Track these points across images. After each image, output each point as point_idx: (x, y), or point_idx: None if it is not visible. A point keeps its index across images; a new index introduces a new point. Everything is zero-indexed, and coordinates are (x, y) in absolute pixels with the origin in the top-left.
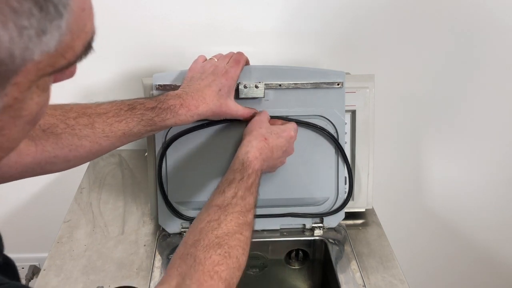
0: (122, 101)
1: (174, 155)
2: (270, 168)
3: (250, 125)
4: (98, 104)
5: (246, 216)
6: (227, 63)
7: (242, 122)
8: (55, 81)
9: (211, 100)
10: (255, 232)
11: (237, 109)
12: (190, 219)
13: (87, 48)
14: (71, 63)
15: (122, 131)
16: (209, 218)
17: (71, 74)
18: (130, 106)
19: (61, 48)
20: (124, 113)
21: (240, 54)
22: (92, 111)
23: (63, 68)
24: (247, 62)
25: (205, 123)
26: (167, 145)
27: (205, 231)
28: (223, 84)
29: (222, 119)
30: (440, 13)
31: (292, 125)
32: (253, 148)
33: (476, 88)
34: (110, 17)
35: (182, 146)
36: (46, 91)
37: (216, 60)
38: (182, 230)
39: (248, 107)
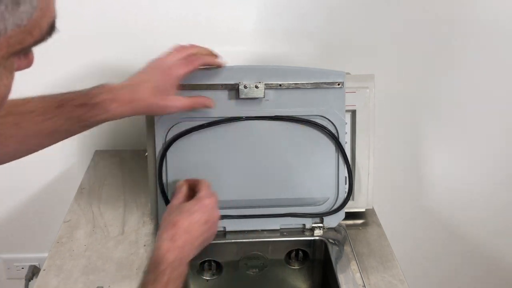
0: (53, 97)
1: (174, 155)
2: (200, 246)
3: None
4: (27, 101)
5: None
6: (181, 58)
7: (243, 122)
8: (16, 69)
9: (145, 96)
10: (255, 232)
11: (176, 104)
12: None
13: (51, 28)
14: (36, 42)
15: (50, 130)
16: None
17: (29, 63)
18: (59, 103)
19: (30, 24)
20: (52, 110)
21: (196, 55)
22: (19, 110)
23: (29, 47)
24: (218, 64)
25: (205, 123)
26: (167, 145)
27: None
28: (159, 81)
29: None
30: (440, 13)
31: (205, 191)
32: (164, 241)
33: (476, 87)
34: (110, 17)
35: (182, 146)
36: (12, 73)
37: (170, 52)
38: None
39: (191, 97)
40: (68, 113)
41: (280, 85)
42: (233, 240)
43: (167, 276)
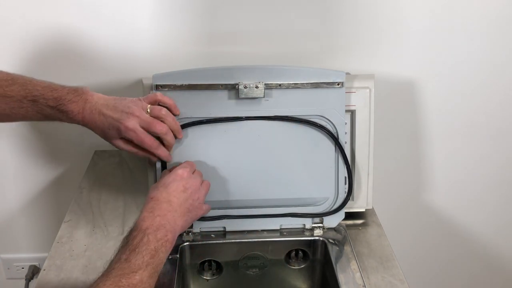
0: (31, 89)
1: (174, 155)
2: (186, 212)
3: None
4: (10, 85)
5: (131, 278)
6: (148, 111)
7: (243, 121)
8: None
9: (99, 129)
10: (255, 232)
11: (122, 146)
12: None
13: None
14: None
15: (22, 117)
16: (91, 285)
17: None
18: (33, 97)
19: None
20: (26, 102)
21: (157, 122)
22: (1, 91)
23: None
24: (172, 133)
25: (204, 119)
26: None
27: None
28: (115, 126)
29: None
30: (439, 13)
31: (182, 164)
32: (141, 214)
33: (477, 87)
34: (110, 17)
35: (182, 146)
36: None
37: (140, 102)
38: None
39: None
40: (39, 109)
41: (280, 85)
42: (233, 240)
43: (137, 240)
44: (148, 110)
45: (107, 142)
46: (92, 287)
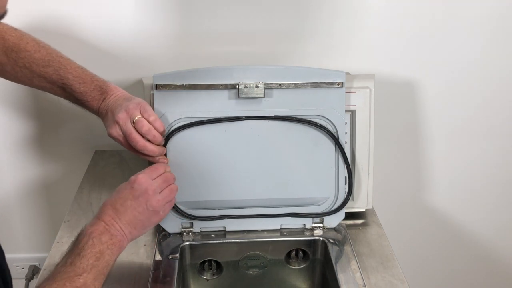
0: (63, 76)
1: (174, 155)
2: (136, 218)
3: None
4: (46, 66)
5: (75, 281)
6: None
7: (243, 121)
8: None
9: (108, 125)
10: (255, 232)
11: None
12: (190, 219)
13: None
14: None
15: (52, 94)
16: None
17: None
18: (63, 85)
19: None
20: (56, 87)
21: (134, 136)
22: (38, 70)
23: None
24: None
25: (205, 119)
26: (165, 141)
27: None
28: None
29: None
30: (440, 13)
31: (146, 169)
32: (92, 219)
33: (476, 87)
34: (110, 17)
35: (181, 146)
36: None
37: (133, 110)
38: (182, 230)
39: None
40: (67, 95)
41: (280, 85)
42: (233, 240)
43: (82, 244)
44: (134, 121)
45: (107, 142)
46: None
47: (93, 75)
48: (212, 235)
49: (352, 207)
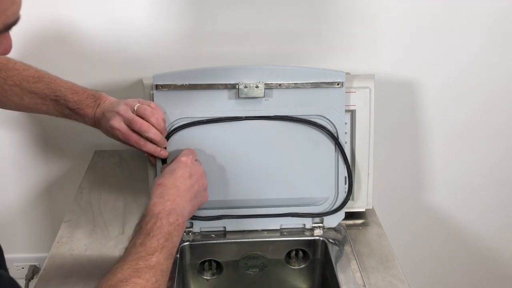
0: (55, 89)
1: (174, 155)
2: (193, 198)
3: None
4: (36, 82)
5: (148, 260)
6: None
7: (243, 121)
8: None
9: (104, 130)
10: (255, 232)
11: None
12: (190, 218)
13: (6, 28)
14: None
15: (43, 112)
16: (108, 272)
17: (5, 51)
18: (56, 97)
19: None
20: (49, 100)
21: (137, 119)
22: (28, 86)
23: None
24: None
25: (205, 119)
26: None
27: (100, 284)
28: (108, 126)
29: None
30: (440, 13)
31: (184, 152)
32: (151, 200)
33: (476, 87)
34: (110, 16)
35: (182, 145)
36: None
37: (131, 101)
38: None
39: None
40: (60, 108)
41: (280, 85)
42: (233, 240)
43: (151, 224)
44: (135, 109)
45: (107, 142)
46: (110, 272)
47: (84, 87)
48: (212, 235)
49: (352, 207)
